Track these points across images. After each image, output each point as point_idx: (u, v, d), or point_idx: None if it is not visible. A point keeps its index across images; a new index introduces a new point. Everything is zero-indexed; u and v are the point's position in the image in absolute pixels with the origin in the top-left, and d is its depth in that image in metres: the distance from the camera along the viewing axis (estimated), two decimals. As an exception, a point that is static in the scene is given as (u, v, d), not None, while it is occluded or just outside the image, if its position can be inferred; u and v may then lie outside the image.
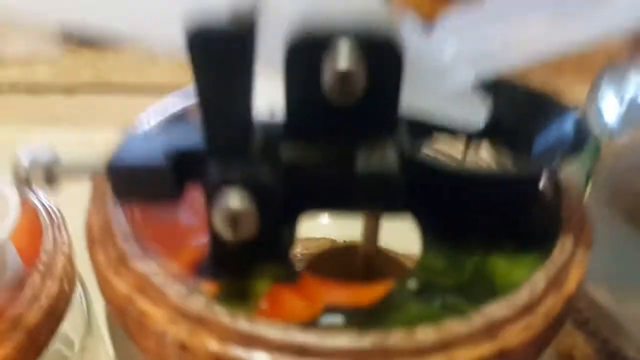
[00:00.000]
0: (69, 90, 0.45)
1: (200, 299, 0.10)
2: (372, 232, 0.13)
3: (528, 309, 0.10)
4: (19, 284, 0.18)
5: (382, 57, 0.10)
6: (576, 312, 0.17)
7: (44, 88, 0.46)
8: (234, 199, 0.10)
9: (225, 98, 0.10)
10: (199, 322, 0.10)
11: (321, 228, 0.17)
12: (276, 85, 0.11)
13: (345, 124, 0.11)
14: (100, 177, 0.12)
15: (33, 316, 0.17)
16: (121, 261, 0.11)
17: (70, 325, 0.20)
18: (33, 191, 0.20)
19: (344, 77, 0.10)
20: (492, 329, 0.10)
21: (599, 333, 0.16)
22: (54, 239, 0.19)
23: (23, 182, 0.11)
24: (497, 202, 0.12)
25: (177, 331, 0.10)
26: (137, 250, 0.11)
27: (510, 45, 0.13)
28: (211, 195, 0.10)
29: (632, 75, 0.17)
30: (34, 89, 0.45)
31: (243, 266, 0.11)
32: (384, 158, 0.11)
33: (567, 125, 0.13)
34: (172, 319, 0.10)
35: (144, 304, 0.11)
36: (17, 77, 0.47)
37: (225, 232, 0.10)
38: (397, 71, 0.10)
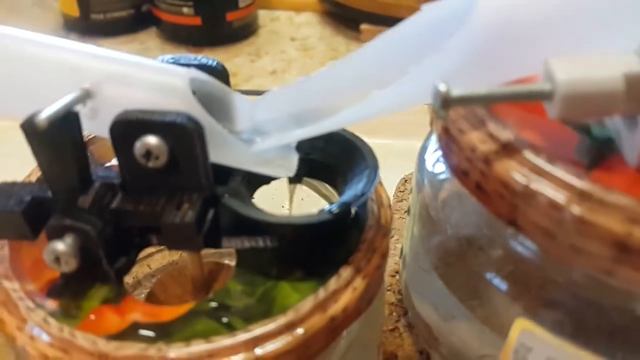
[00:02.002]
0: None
1: (40, 312, 0.14)
2: (195, 260, 0.16)
3: (289, 326, 0.14)
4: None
5: (178, 136, 0.13)
6: (408, 318, 0.20)
7: None
8: (57, 242, 0.13)
9: (56, 167, 0.13)
10: (39, 329, 0.14)
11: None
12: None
13: (160, 184, 0.14)
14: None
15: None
16: (-4, 279, 0.15)
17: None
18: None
19: (147, 150, 0.13)
20: (253, 342, 0.13)
21: (421, 338, 0.20)
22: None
23: None
24: (290, 241, 0.15)
25: (21, 336, 0.14)
26: (8, 271, 0.15)
27: (323, 113, 0.16)
28: (48, 237, 0.14)
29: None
30: None
31: (76, 290, 0.14)
32: (187, 211, 0.14)
33: (364, 173, 0.16)
34: (19, 327, 0.14)
35: (2, 313, 0.14)
36: None
37: (54, 266, 0.13)
38: (195, 145, 0.14)
